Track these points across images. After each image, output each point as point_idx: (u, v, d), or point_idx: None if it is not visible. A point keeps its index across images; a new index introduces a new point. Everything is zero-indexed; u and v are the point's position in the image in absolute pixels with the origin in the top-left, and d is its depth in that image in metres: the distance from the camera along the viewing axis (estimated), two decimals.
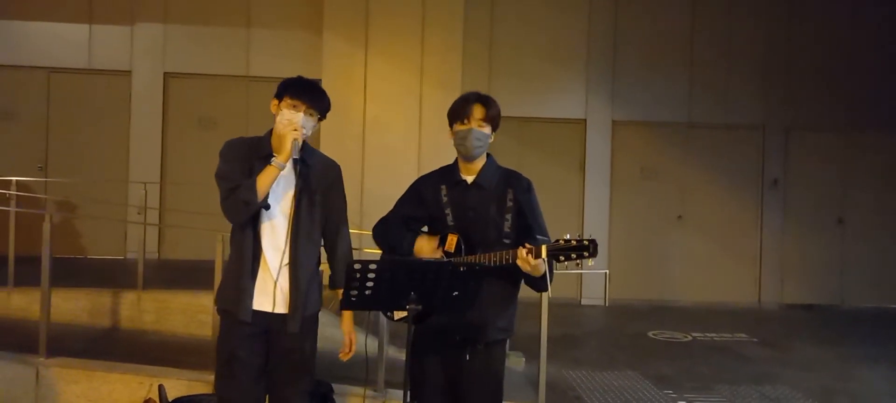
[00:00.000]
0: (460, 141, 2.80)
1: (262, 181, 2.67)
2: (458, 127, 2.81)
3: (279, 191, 2.77)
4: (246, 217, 2.73)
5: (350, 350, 2.97)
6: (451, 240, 2.74)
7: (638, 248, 9.19)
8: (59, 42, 8.57)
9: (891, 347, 7.23)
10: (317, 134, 8.02)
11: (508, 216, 2.78)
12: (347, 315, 2.91)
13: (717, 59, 9.25)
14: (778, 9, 9.29)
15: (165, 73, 8.70)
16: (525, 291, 2.98)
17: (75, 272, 6.86)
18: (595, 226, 8.96)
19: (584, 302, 9.00)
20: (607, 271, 8.81)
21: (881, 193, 9.40)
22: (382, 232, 2.93)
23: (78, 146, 8.64)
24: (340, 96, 8.01)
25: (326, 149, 8.03)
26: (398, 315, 2.76)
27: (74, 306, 5.69)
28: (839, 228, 9.38)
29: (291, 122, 2.70)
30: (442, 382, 2.80)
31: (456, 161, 2.90)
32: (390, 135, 7.98)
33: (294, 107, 2.74)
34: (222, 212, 2.77)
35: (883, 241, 9.37)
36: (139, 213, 7.38)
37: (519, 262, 2.60)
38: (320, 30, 8.20)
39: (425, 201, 2.86)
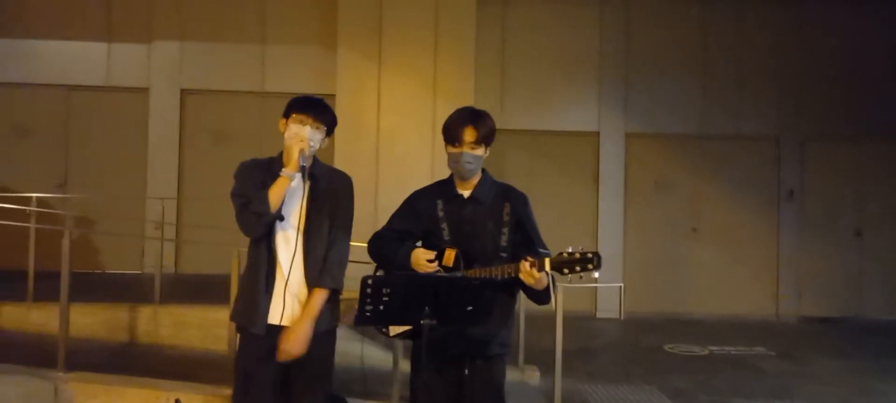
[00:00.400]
0: (453, 163, 2.85)
1: (274, 192, 2.75)
2: (450, 149, 2.84)
3: (292, 205, 2.83)
4: (261, 230, 2.79)
5: (286, 351, 2.76)
6: (450, 255, 2.74)
7: (653, 261, 9.15)
8: (77, 60, 8.72)
9: None
10: (331, 148, 8.12)
11: (505, 230, 2.79)
12: (307, 314, 2.79)
13: (729, 70, 9.23)
14: (789, 19, 9.26)
15: (182, 90, 8.81)
16: (536, 305, 2.99)
17: (93, 287, 6.93)
18: (609, 239, 8.94)
19: (599, 315, 8.96)
20: (622, 284, 8.76)
21: None
22: (377, 246, 2.92)
23: (96, 162, 8.76)
24: (354, 110, 8.10)
25: (340, 162, 8.07)
26: (394, 331, 2.76)
27: (92, 321, 5.75)
28: (857, 240, 9.29)
29: (298, 135, 2.81)
30: (444, 398, 2.79)
31: (451, 176, 2.92)
32: (404, 149, 8.02)
33: (300, 121, 2.84)
34: (239, 228, 2.83)
35: None
36: (156, 229, 7.45)
37: (522, 275, 2.60)
38: (334, 45, 8.27)
39: (420, 216, 2.87)
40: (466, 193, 2.86)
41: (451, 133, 2.81)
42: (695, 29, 9.25)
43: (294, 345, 2.76)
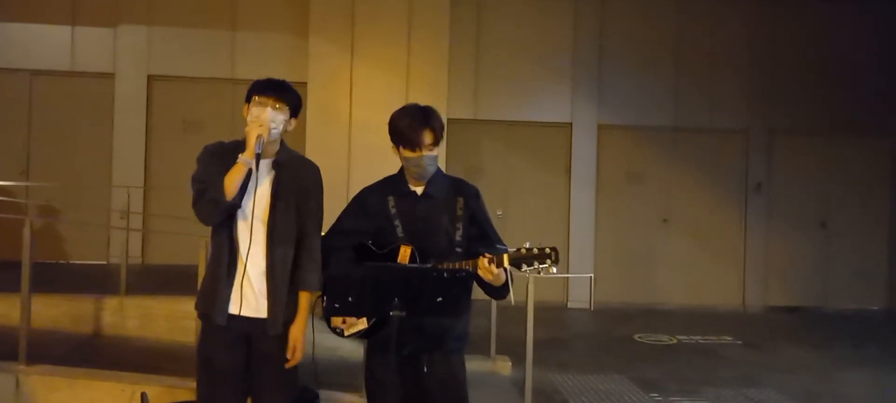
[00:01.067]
0: (413, 167, 2.77)
1: (230, 179, 2.65)
2: (407, 153, 2.76)
3: (257, 193, 2.75)
4: (217, 218, 2.72)
5: (292, 359, 2.77)
6: (405, 252, 2.69)
7: (624, 251, 9.23)
8: (41, 44, 8.48)
9: (873, 349, 7.31)
10: (302, 138, 8.04)
11: (459, 225, 2.75)
12: (299, 320, 2.80)
13: (702, 64, 9.32)
14: (762, 14, 9.37)
15: (149, 76, 8.62)
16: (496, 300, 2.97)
17: (57, 277, 6.78)
18: (581, 230, 9.00)
19: (570, 305, 9.02)
20: (593, 275, 8.84)
21: (864, 196, 9.51)
22: (324, 254, 2.82)
23: (60, 149, 8.54)
24: (326, 101, 8.01)
25: (312, 153, 7.99)
26: (349, 330, 2.71)
27: (56, 312, 5.62)
28: (822, 231, 9.48)
29: (257, 118, 2.70)
30: (401, 395, 2.74)
31: (402, 172, 2.86)
32: (377, 139, 7.82)
33: (261, 104, 2.74)
34: (195, 215, 2.75)
35: (865, 244, 9.48)
36: (122, 218, 7.30)
37: (481, 272, 2.58)
38: (306, 33, 8.16)
39: (370, 213, 2.82)
40: (419, 190, 2.81)
41: (408, 137, 2.73)
42: (668, 22, 9.32)
43: (298, 353, 2.77)
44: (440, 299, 2.51)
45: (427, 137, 2.73)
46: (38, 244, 4.78)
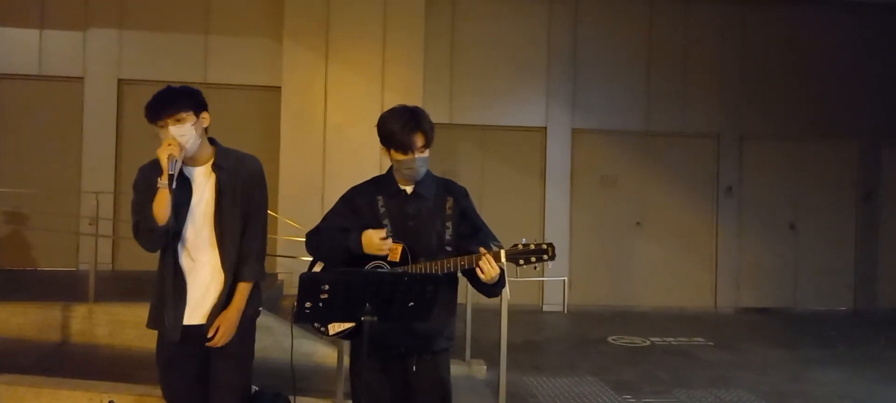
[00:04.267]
0: (405, 168, 2.77)
1: (157, 206, 2.68)
2: (398, 156, 2.75)
3: (198, 200, 2.79)
4: (160, 244, 2.78)
5: (215, 338, 2.78)
6: (397, 250, 2.69)
7: (598, 254, 9.31)
8: (8, 47, 8.31)
9: (841, 349, 7.44)
10: (276, 140, 7.95)
11: (449, 224, 2.77)
12: (232, 307, 2.82)
13: (674, 69, 9.45)
14: (734, 20, 9.53)
15: (120, 80, 8.49)
16: (485, 299, 2.99)
17: (24, 285, 6.65)
18: (555, 233, 9.05)
19: (545, 308, 9.06)
20: (566, 278, 8.90)
21: (831, 199, 9.70)
22: (316, 241, 2.84)
23: (28, 155, 8.37)
24: (301, 104, 7.97)
25: (287, 157, 7.97)
26: (333, 329, 2.72)
27: (22, 321, 5.50)
28: (792, 233, 9.64)
29: (165, 143, 2.70)
30: (388, 395, 2.76)
31: (391, 171, 2.87)
32: (352, 143, 7.93)
33: (161, 127, 2.73)
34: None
35: (833, 246, 9.66)
36: (91, 224, 7.17)
37: (482, 267, 2.59)
38: (280, 37, 8.12)
39: (359, 212, 2.81)
40: (409, 189, 2.83)
41: (399, 141, 2.72)
42: (641, 28, 9.43)
43: (221, 337, 2.79)
44: (412, 303, 2.51)
45: (419, 140, 2.74)
46: (5, 251, 4.69)
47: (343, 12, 8.00)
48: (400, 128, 2.73)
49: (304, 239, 2.90)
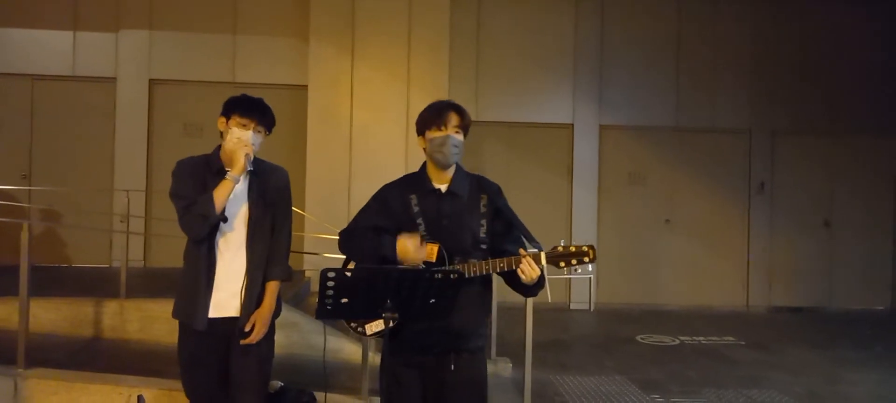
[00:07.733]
0: (437, 147, 2.73)
1: (219, 194, 2.84)
2: (433, 133, 2.73)
3: (234, 201, 2.93)
4: (205, 231, 2.87)
5: (252, 335, 2.93)
6: (432, 250, 2.67)
7: (626, 252, 9.20)
8: (43, 49, 8.52)
9: (877, 349, 7.25)
10: (303, 139, 8.01)
11: (484, 222, 2.74)
12: (265, 305, 2.97)
13: (703, 64, 9.29)
14: (764, 13, 9.34)
15: (151, 80, 8.64)
16: (510, 296, 2.97)
17: (58, 281, 6.77)
18: (583, 231, 8.97)
19: (572, 306, 8.99)
20: (592, 276, 8.82)
21: (867, 196, 9.46)
22: (349, 241, 2.82)
23: (62, 154, 8.57)
24: (327, 103, 8.01)
25: (313, 155, 8.02)
26: (371, 330, 2.71)
27: (55, 316, 5.61)
28: (826, 231, 9.42)
29: (241, 140, 2.88)
30: (419, 394, 2.73)
31: (424, 169, 2.83)
32: (377, 141, 7.96)
33: (243, 125, 2.90)
34: (181, 229, 2.90)
35: (869, 243, 9.42)
36: (122, 221, 7.30)
37: (524, 269, 2.57)
38: (306, 36, 8.17)
39: (392, 211, 2.77)
40: (443, 187, 2.78)
41: (435, 117, 2.74)
42: (670, 23, 9.30)
43: (257, 333, 2.94)
44: (433, 301, 2.49)
45: (454, 118, 2.75)
46: (39, 248, 4.79)
47: (368, 11, 8.02)
48: (435, 107, 2.80)
49: (330, 237, 2.91)
